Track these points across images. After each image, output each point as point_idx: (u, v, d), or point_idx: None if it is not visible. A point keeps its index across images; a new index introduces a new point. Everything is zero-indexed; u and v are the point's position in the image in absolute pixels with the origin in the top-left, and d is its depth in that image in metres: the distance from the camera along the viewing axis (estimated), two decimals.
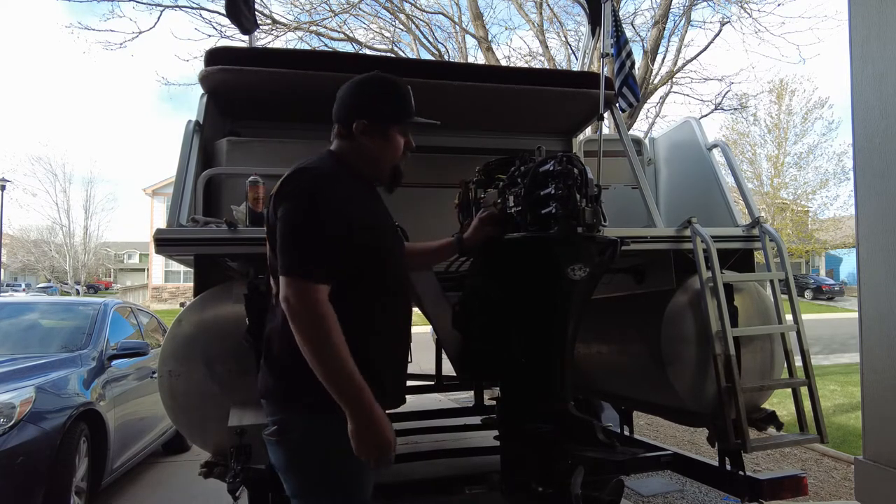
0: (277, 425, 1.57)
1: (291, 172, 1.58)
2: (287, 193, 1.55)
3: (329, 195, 1.55)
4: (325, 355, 1.44)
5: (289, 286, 1.47)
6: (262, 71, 3.06)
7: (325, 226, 1.51)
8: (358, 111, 1.68)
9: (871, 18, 3.16)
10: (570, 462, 2.10)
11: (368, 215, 1.65)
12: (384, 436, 1.48)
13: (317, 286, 1.47)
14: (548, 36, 11.63)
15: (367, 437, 1.46)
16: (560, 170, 2.00)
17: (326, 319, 1.45)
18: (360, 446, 1.47)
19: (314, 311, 1.45)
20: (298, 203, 1.53)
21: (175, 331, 2.41)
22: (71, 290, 35.94)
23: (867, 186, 3.20)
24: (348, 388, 1.45)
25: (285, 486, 1.60)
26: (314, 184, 1.56)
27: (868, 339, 3.17)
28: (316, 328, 1.45)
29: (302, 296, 1.46)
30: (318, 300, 1.46)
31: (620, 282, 3.19)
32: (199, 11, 10.05)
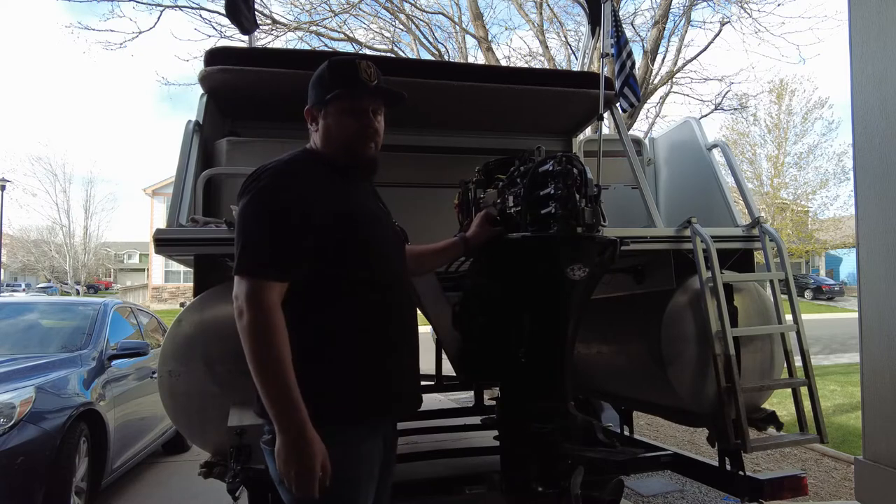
0: (272, 435, 1.50)
1: (252, 172, 1.56)
2: (243, 191, 1.53)
3: (284, 190, 1.49)
4: (262, 363, 1.38)
5: (238, 284, 1.42)
6: (262, 71, 3.06)
7: (279, 221, 1.46)
8: (312, 98, 1.67)
9: (871, 18, 3.16)
10: (570, 462, 2.10)
11: (339, 207, 1.55)
12: (309, 462, 1.37)
13: (267, 285, 1.41)
14: (548, 36, 11.64)
15: (289, 458, 1.38)
16: (560, 170, 2.00)
17: (272, 325, 1.39)
18: (281, 466, 1.39)
19: (260, 311, 1.39)
20: (250, 199, 1.50)
21: (175, 331, 2.41)
22: (71, 290, 35.94)
23: (867, 186, 3.20)
24: (280, 401, 1.38)
25: (282, 495, 1.55)
26: (268, 179, 1.51)
27: (868, 339, 3.17)
28: (259, 331, 1.39)
29: (249, 295, 1.40)
30: (267, 302, 1.40)
31: (620, 282, 3.19)
32: (199, 11, 10.06)
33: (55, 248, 38.73)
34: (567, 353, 2.16)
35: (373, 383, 1.55)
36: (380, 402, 1.59)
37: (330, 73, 1.67)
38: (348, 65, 1.67)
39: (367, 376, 1.54)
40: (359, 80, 1.64)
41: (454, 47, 12.17)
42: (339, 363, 1.49)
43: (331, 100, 1.63)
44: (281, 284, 1.43)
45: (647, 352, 2.89)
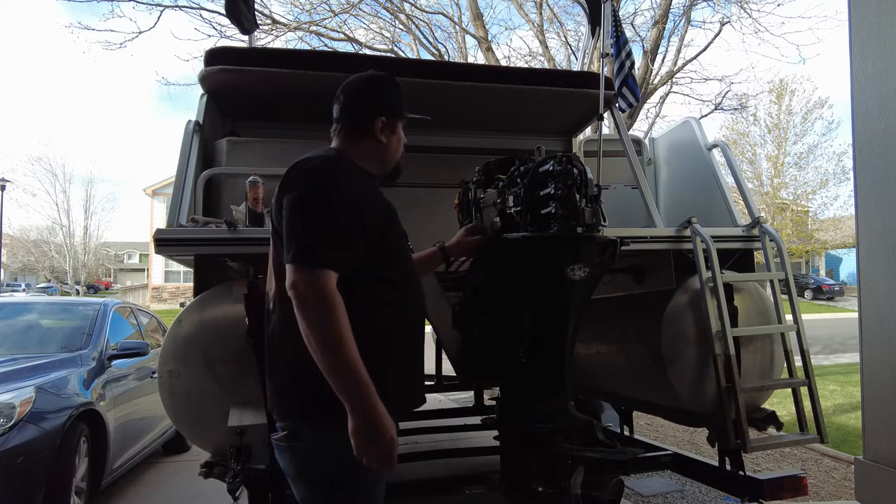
0: (287, 431, 1.54)
1: (296, 163, 1.57)
2: (294, 182, 1.53)
3: (338, 183, 1.53)
4: (330, 346, 1.38)
5: (297, 272, 1.42)
6: (262, 71, 3.06)
7: (335, 212, 1.48)
8: (377, 109, 1.70)
9: (871, 18, 3.16)
10: (570, 462, 2.10)
11: (375, 207, 1.62)
12: (386, 436, 1.40)
13: (326, 272, 1.42)
14: (548, 36, 11.64)
15: (367, 436, 1.39)
16: (560, 170, 2.00)
17: (335, 308, 1.40)
18: (359, 446, 1.40)
19: (323, 298, 1.39)
20: (306, 189, 1.50)
21: (175, 331, 2.41)
22: (71, 290, 35.94)
23: (867, 186, 3.20)
24: (351, 383, 1.39)
25: (295, 492, 1.56)
26: (323, 171, 1.54)
27: (868, 339, 3.16)
28: (323, 317, 1.39)
29: (311, 282, 1.40)
30: (328, 287, 1.41)
31: (620, 282, 3.19)
32: (199, 11, 10.06)
33: (55, 248, 38.74)
34: (567, 353, 2.16)
35: (399, 378, 1.60)
36: (404, 396, 1.65)
37: (400, 93, 1.78)
38: (401, 88, 1.79)
39: (395, 371, 1.58)
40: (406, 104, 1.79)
41: (454, 47, 12.19)
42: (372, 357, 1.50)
43: (401, 119, 1.76)
44: (335, 273, 1.44)
45: (647, 352, 2.89)
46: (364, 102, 1.72)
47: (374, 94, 1.74)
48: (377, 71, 1.80)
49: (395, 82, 1.77)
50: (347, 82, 1.75)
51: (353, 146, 1.70)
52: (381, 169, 1.76)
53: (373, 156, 1.71)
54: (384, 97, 1.74)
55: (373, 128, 1.69)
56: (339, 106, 1.73)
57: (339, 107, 1.72)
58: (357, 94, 1.73)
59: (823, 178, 26.17)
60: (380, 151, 1.72)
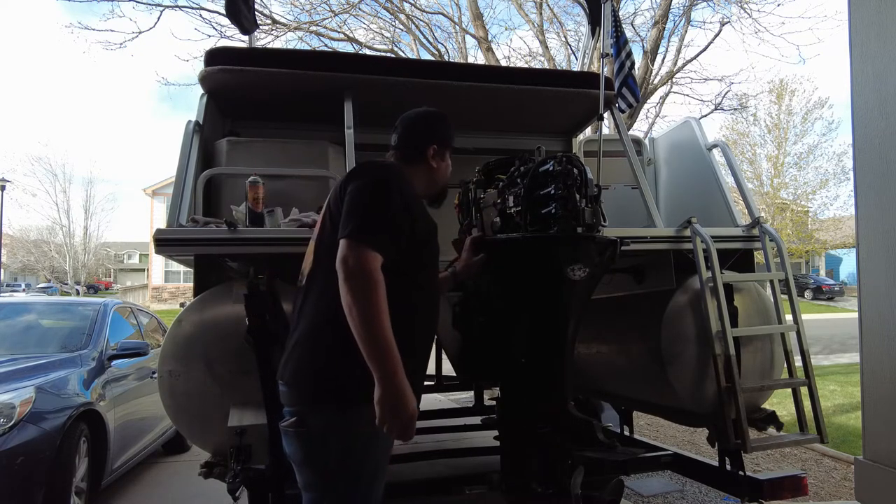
0: (296, 416, 1.60)
1: (366, 161, 1.84)
2: (363, 173, 1.72)
3: (400, 184, 1.71)
4: (370, 318, 1.48)
5: (350, 248, 1.54)
6: (262, 71, 3.07)
7: (393, 207, 1.63)
8: (430, 138, 1.94)
9: (871, 18, 3.16)
10: (570, 462, 2.10)
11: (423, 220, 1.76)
12: (409, 409, 1.50)
13: (375, 254, 1.54)
14: (548, 36, 11.63)
15: (392, 405, 1.48)
16: (560, 170, 2.01)
17: (379, 285, 1.52)
18: (384, 414, 1.49)
19: (370, 274, 1.51)
20: (374, 180, 1.68)
21: (175, 331, 2.41)
22: (71, 290, 35.94)
23: (867, 186, 3.19)
24: (385, 355, 1.48)
25: (298, 477, 1.62)
26: (390, 171, 1.77)
27: (868, 339, 3.16)
28: (368, 290, 1.50)
29: (361, 258, 1.52)
30: (375, 266, 1.53)
31: (620, 282, 3.19)
32: (199, 11, 10.04)
33: (55, 248, 38.72)
34: (567, 353, 2.16)
35: (415, 370, 1.69)
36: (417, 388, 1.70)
37: (450, 127, 2.03)
38: (451, 123, 2.04)
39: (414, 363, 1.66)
40: None
41: (454, 47, 12.18)
42: None
43: (450, 149, 2.01)
44: (381, 258, 1.56)
45: (647, 352, 2.89)
46: (420, 131, 1.95)
47: (429, 125, 1.99)
48: (433, 108, 2.04)
49: (446, 117, 2.02)
50: (406, 114, 2.00)
51: (408, 169, 1.88)
52: (428, 191, 1.97)
53: (423, 179, 1.93)
54: (437, 128, 1.99)
55: (426, 154, 1.91)
56: (397, 135, 1.96)
57: (397, 135, 1.95)
58: (414, 124, 1.97)
59: (823, 178, 26.21)
60: (430, 175, 1.94)
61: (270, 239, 2.46)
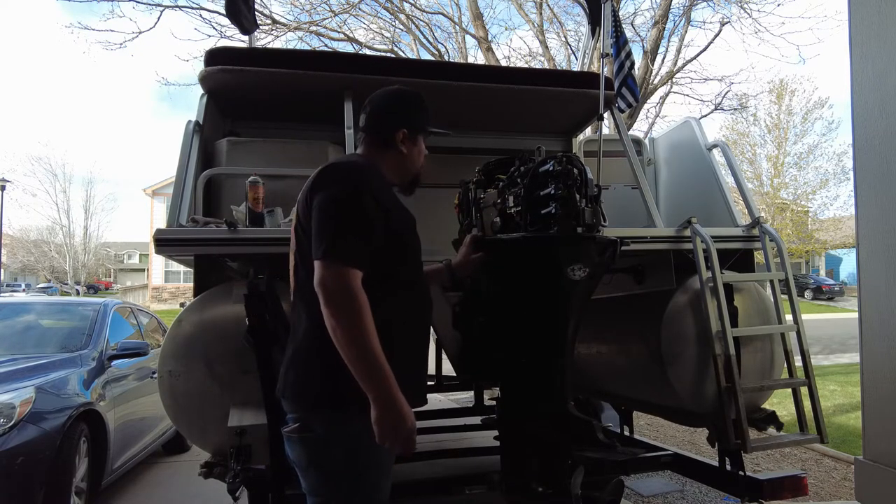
0: (299, 423, 1.58)
1: (328, 165, 1.67)
2: (326, 182, 1.60)
3: (368, 185, 1.61)
4: (355, 340, 1.45)
5: (326, 269, 1.48)
6: (262, 71, 3.06)
7: (363, 214, 1.55)
8: (399, 121, 1.80)
9: (871, 18, 3.16)
10: (570, 462, 2.10)
11: (397, 213, 1.69)
12: (407, 423, 1.48)
13: (352, 270, 1.49)
14: (548, 36, 11.63)
15: (390, 423, 1.46)
16: (560, 170, 2.01)
17: (362, 304, 1.47)
18: (382, 432, 1.47)
19: (350, 294, 1.46)
20: (340, 189, 1.57)
21: (175, 331, 2.41)
22: (71, 290, 35.94)
23: (867, 186, 3.19)
24: (375, 374, 1.46)
25: (303, 482, 1.61)
26: (355, 173, 1.63)
27: (868, 339, 3.16)
28: (350, 312, 1.46)
29: (339, 279, 1.47)
30: (355, 285, 1.48)
31: (620, 282, 3.19)
32: (199, 11, 10.05)
33: (55, 248, 38.72)
34: (567, 353, 2.16)
35: (411, 373, 1.66)
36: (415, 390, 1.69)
37: (425, 108, 1.88)
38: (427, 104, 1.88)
39: (408, 366, 1.64)
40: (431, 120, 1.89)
41: (454, 47, 12.18)
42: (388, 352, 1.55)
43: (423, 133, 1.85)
44: (361, 272, 1.51)
45: (647, 352, 2.89)
46: (387, 115, 1.81)
47: (399, 106, 1.84)
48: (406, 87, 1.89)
49: (421, 98, 1.87)
50: (375, 94, 1.85)
51: (377, 155, 1.78)
52: (401, 178, 1.85)
53: (394, 165, 1.80)
54: (407, 110, 1.84)
55: (395, 139, 1.78)
56: (365, 116, 1.82)
57: (366, 117, 1.82)
58: (383, 105, 1.83)
59: (823, 178, 26.20)
60: (400, 161, 1.81)
61: (270, 239, 2.45)
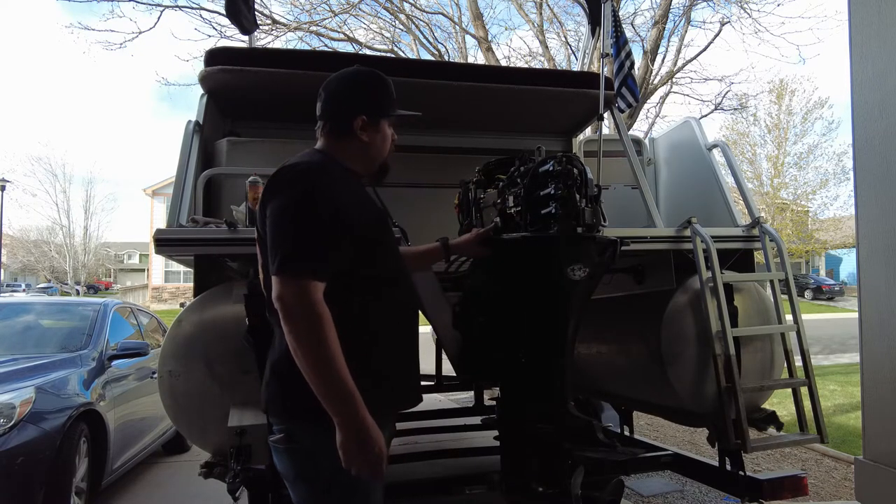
0: (284, 433, 1.52)
1: (279, 169, 1.53)
2: (277, 188, 1.49)
3: (322, 188, 1.49)
4: (317, 359, 1.36)
5: (283, 284, 1.39)
6: (262, 71, 3.06)
7: (319, 219, 1.44)
8: (357, 107, 1.65)
9: (871, 18, 3.16)
10: (570, 462, 2.10)
11: (361, 208, 1.59)
12: (374, 448, 1.39)
13: (312, 283, 1.39)
14: (548, 36, 11.64)
15: (356, 448, 1.38)
16: (560, 170, 2.00)
17: (322, 320, 1.37)
18: (348, 458, 1.38)
19: (310, 310, 1.37)
20: (291, 196, 1.46)
21: (175, 331, 2.41)
22: (71, 290, 35.93)
23: (867, 186, 3.19)
24: (338, 396, 1.37)
25: (292, 494, 1.55)
26: (306, 177, 1.50)
27: (868, 339, 3.16)
28: (310, 330, 1.36)
29: (297, 294, 1.37)
30: (315, 299, 1.38)
31: (620, 282, 3.19)
32: (199, 11, 10.06)
33: (55, 248, 38.72)
34: (567, 353, 2.16)
35: (391, 377, 1.59)
36: (399, 394, 1.63)
37: (389, 90, 1.72)
38: (390, 84, 1.73)
39: (387, 371, 1.57)
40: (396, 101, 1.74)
41: (454, 47, 12.18)
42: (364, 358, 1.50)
43: (387, 118, 1.69)
44: (322, 283, 1.42)
45: (647, 352, 2.89)
46: (343, 100, 1.66)
47: (355, 90, 1.68)
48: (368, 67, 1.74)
49: (380, 78, 1.71)
50: (329, 79, 1.70)
51: (336, 145, 1.66)
52: (366, 168, 1.71)
53: (356, 155, 1.67)
54: (366, 94, 1.68)
55: (352, 127, 1.64)
56: (320, 103, 1.68)
57: (321, 104, 1.68)
58: (339, 91, 1.68)
59: (823, 178, 26.22)
60: (362, 150, 1.67)
61: None
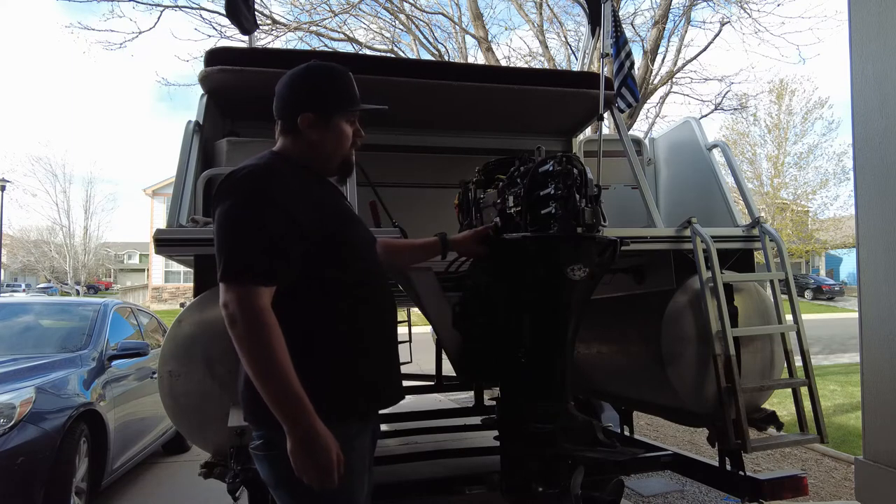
0: (263, 440, 1.50)
1: (226, 174, 1.49)
2: (221, 195, 1.46)
3: (266, 192, 1.44)
4: (260, 367, 1.35)
5: (227, 291, 1.37)
6: (262, 71, 3.06)
7: (265, 224, 1.41)
8: (301, 104, 1.60)
9: (871, 18, 3.16)
10: (570, 462, 2.10)
11: (317, 209, 1.53)
12: (325, 456, 1.36)
13: (257, 290, 1.36)
14: (548, 36, 11.65)
15: (305, 456, 1.35)
16: (560, 170, 2.00)
17: (267, 328, 1.35)
18: (298, 466, 1.36)
19: (254, 318, 1.35)
20: (233, 202, 1.43)
21: (175, 331, 2.41)
22: (71, 290, 35.94)
23: (867, 186, 3.20)
24: (284, 403, 1.35)
25: (277, 500, 1.54)
26: (249, 182, 1.46)
27: (868, 339, 3.16)
28: (253, 337, 1.35)
29: (240, 301, 1.35)
30: (258, 306, 1.36)
31: (620, 282, 3.19)
32: (199, 11, 10.06)
33: (55, 248, 38.71)
34: (567, 353, 2.16)
35: (362, 378, 1.56)
36: (371, 395, 1.60)
37: (338, 85, 1.64)
38: (347, 78, 1.66)
39: (357, 372, 1.54)
40: (356, 96, 1.67)
41: (454, 47, 12.18)
42: (330, 361, 1.49)
43: (339, 113, 1.62)
44: (269, 289, 1.39)
45: (647, 352, 2.89)
46: (289, 97, 1.62)
47: (300, 87, 1.62)
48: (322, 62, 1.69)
49: (331, 74, 1.65)
50: (282, 77, 1.66)
51: (291, 144, 1.62)
52: (323, 167, 1.65)
53: (308, 154, 1.61)
54: (311, 91, 1.61)
55: (297, 125, 1.59)
56: (274, 101, 1.64)
57: (275, 101, 1.64)
58: (285, 88, 1.63)
59: (823, 178, 26.22)
60: (313, 149, 1.61)
61: None
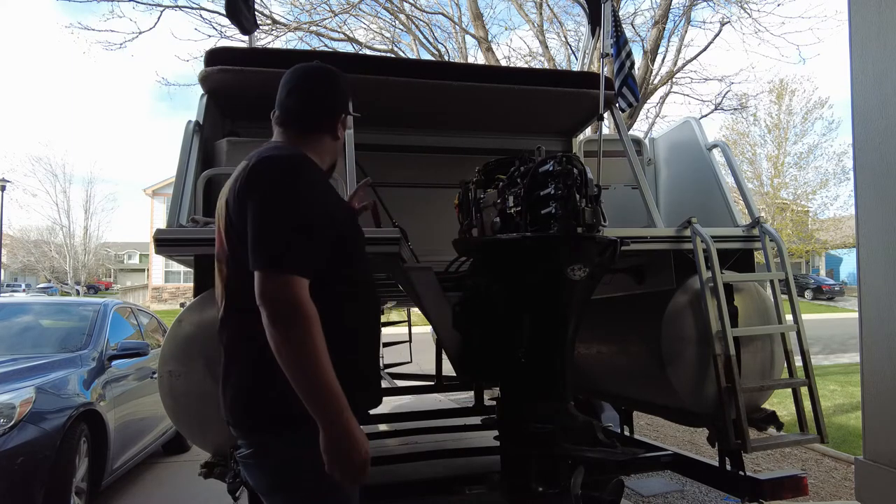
0: (255, 447, 1.46)
1: (260, 160, 1.45)
2: (261, 182, 1.41)
3: (308, 181, 1.44)
4: (305, 361, 1.29)
5: (269, 281, 1.32)
6: (262, 71, 3.06)
7: (305, 214, 1.39)
8: (343, 105, 1.65)
9: (871, 18, 3.16)
10: (570, 462, 2.10)
11: (338, 205, 1.56)
12: (361, 452, 1.33)
13: (298, 280, 1.32)
14: (548, 36, 11.64)
15: (342, 452, 1.32)
16: (560, 170, 2.01)
17: (310, 320, 1.31)
18: (333, 462, 1.32)
19: (298, 309, 1.30)
20: (278, 191, 1.39)
21: (175, 331, 2.41)
22: (71, 290, 35.94)
23: (867, 186, 3.19)
24: (326, 400, 1.30)
25: None
26: (293, 170, 1.43)
27: (868, 339, 3.16)
28: (299, 330, 1.30)
29: (285, 292, 1.31)
30: (303, 298, 1.32)
31: (620, 282, 3.19)
32: (199, 11, 10.05)
33: (55, 248, 38.70)
34: (567, 353, 2.16)
35: (363, 376, 1.57)
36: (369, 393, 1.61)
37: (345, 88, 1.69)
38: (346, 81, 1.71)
39: (360, 370, 1.55)
40: None
41: (454, 47, 12.18)
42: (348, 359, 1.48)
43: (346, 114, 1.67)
44: (307, 281, 1.36)
45: (647, 352, 2.89)
46: (326, 98, 1.63)
47: (339, 89, 1.67)
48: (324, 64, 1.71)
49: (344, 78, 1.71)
50: (296, 75, 1.65)
51: (305, 142, 1.59)
52: (330, 166, 1.68)
53: (325, 152, 1.63)
54: (344, 92, 1.67)
55: (334, 124, 1.63)
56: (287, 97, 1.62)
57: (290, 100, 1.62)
58: (316, 88, 1.64)
59: (823, 178, 26.22)
60: (332, 148, 1.65)
61: None
